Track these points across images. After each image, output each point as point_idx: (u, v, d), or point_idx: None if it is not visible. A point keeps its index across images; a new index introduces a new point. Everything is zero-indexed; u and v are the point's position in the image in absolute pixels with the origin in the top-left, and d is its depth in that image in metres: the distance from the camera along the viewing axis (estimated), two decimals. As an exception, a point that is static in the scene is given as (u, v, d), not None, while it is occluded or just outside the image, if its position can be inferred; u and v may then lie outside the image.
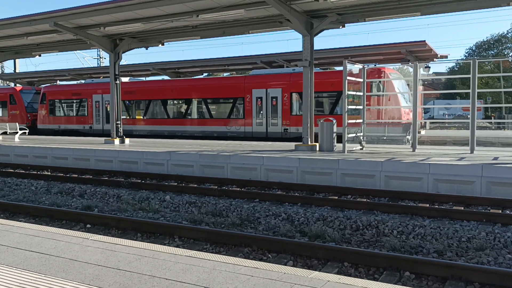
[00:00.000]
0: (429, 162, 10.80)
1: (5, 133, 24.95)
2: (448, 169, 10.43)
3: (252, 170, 12.96)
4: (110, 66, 19.85)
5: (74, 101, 29.93)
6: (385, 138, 18.28)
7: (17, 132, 23.53)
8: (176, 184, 12.47)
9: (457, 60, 59.36)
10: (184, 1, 14.39)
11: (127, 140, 19.96)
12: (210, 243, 7.02)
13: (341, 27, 15.51)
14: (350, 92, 14.82)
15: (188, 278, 3.76)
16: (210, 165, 13.68)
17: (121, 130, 20.06)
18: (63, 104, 30.47)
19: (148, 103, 27.09)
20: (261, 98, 23.12)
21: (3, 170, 15.92)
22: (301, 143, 15.46)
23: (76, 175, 14.50)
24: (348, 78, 13.96)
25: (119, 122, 19.94)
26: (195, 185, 12.15)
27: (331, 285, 3.57)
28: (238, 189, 11.51)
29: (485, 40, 63.00)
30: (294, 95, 22.35)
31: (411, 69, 15.33)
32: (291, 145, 16.58)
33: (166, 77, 32.05)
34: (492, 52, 61.25)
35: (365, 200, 9.91)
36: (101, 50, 39.99)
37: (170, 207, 9.99)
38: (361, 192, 10.52)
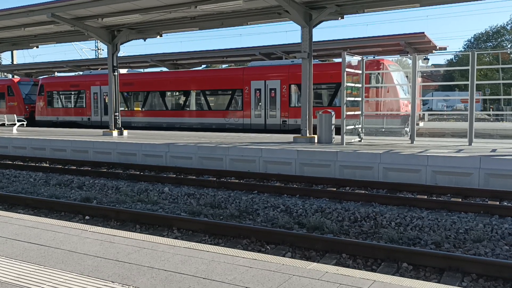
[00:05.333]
0: (428, 154, 10.82)
1: (3, 124, 24.90)
2: (446, 161, 10.45)
3: (251, 162, 12.96)
4: (108, 57, 19.76)
5: (72, 92, 29.83)
6: (383, 130, 18.27)
7: (15, 124, 23.48)
8: (174, 176, 12.48)
9: (456, 52, 59.32)
10: (182, -8, 14.32)
11: (125, 132, 19.92)
12: (208, 234, 7.03)
13: (340, 18, 15.44)
14: (348, 84, 14.80)
15: (187, 270, 3.77)
16: (209, 157, 13.68)
17: (120, 122, 20.02)
18: (61, 96, 30.38)
19: (146, 94, 27.03)
20: (259, 90, 23.07)
21: (2, 162, 15.89)
22: (299, 135, 15.46)
23: (75, 167, 14.50)
24: (347, 70, 13.94)
25: (117, 114, 19.88)
26: (194, 177, 12.16)
27: (329, 276, 3.58)
28: (237, 181, 11.53)
29: (483, 32, 62.88)
30: (293, 87, 22.30)
31: (410, 61, 15.30)
32: (290, 137, 16.58)
33: (164, 69, 31.94)
34: (490, 44, 61.10)
35: (363, 191, 9.93)
36: (99, 41, 39.80)
37: (168, 198, 10.00)
38: (360, 184, 10.54)
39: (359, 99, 15.08)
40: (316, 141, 14.85)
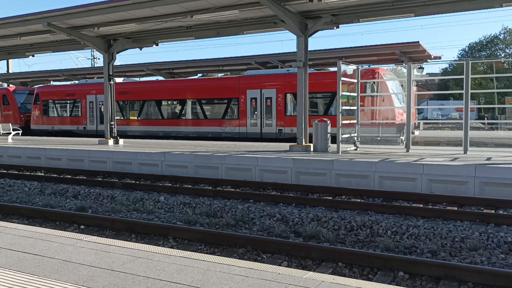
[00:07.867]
0: (423, 163, 10.85)
1: (-2, 133, 24.80)
2: (442, 170, 10.48)
3: (247, 170, 12.95)
4: (104, 66, 19.78)
5: (68, 101, 29.79)
6: (379, 138, 18.34)
7: (10, 133, 23.40)
8: (170, 184, 12.44)
9: (451, 61, 59.69)
10: (178, 1, 14.37)
11: (121, 141, 19.89)
12: (204, 243, 7.01)
13: (335, 28, 15.55)
14: (344, 93, 14.86)
15: (182, 279, 3.75)
16: (205, 165, 13.67)
17: (115, 131, 19.98)
18: (56, 105, 30.33)
19: (142, 103, 27.02)
20: (255, 98, 23.13)
21: (-4, 171, 15.82)
22: (295, 143, 15.48)
23: (70, 176, 14.43)
24: (342, 78, 14.00)
25: (113, 122, 19.86)
26: (190, 186, 12.13)
27: (326, 286, 3.58)
28: (233, 189, 11.50)
29: (477, 41, 63.42)
30: (289, 96, 22.37)
31: (404, 70, 15.39)
32: (286, 145, 16.60)
33: (160, 78, 31.99)
34: (484, 53, 61.60)
35: (359, 200, 9.93)
36: (95, 50, 39.88)
37: (164, 207, 9.96)
38: (355, 192, 10.55)
39: (355, 108, 15.14)
40: (312, 149, 14.87)
